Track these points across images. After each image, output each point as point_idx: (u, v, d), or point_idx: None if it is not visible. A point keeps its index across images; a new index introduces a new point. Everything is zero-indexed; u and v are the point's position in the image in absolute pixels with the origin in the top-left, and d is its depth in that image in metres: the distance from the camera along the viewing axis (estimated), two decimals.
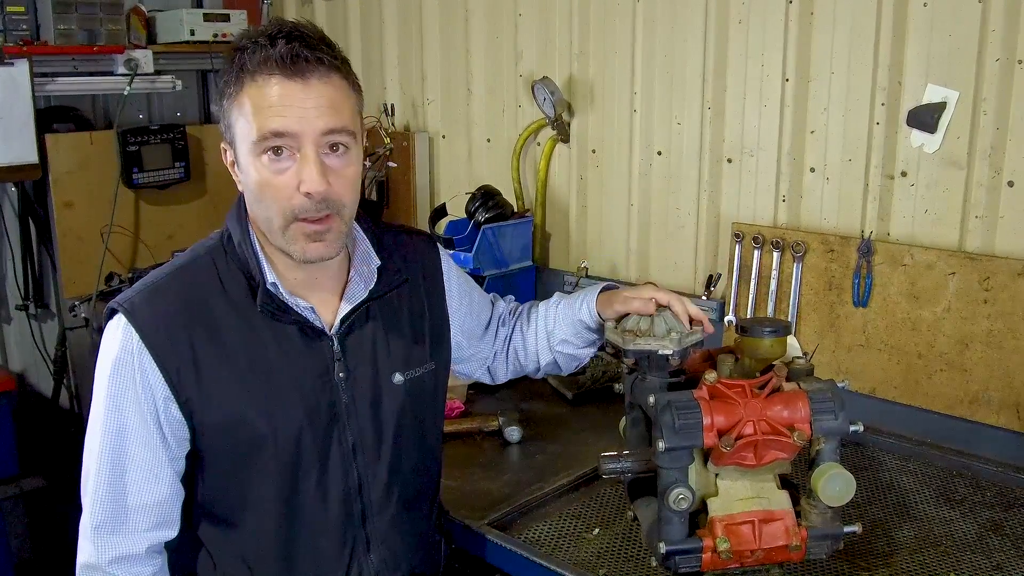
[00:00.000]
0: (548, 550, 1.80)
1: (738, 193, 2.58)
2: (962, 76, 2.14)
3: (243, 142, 1.37)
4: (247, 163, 1.37)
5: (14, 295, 3.61)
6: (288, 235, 1.38)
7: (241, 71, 1.35)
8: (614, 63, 2.81)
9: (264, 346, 1.43)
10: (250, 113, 1.34)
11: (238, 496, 1.47)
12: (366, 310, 1.52)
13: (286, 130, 1.33)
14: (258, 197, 1.38)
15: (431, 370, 1.60)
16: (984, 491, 2.03)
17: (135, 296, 1.42)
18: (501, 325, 1.81)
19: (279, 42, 1.32)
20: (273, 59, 1.32)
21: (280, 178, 1.35)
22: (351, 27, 3.66)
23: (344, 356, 1.48)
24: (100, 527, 1.42)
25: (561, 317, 1.73)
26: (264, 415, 1.43)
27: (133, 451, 1.40)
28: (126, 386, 1.39)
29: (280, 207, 1.36)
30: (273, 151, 1.34)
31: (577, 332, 1.71)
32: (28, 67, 3.11)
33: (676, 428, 1.38)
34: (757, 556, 1.43)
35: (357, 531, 1.52)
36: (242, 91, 1.35)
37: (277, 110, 1.33)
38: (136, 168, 3.44)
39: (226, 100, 1.38)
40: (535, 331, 1.76)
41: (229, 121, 1.39)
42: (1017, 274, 2.08)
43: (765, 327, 1.49)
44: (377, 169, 3.42)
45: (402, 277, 1.56)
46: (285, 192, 1.36)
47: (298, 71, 1.33)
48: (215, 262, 1.46)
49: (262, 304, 1.42)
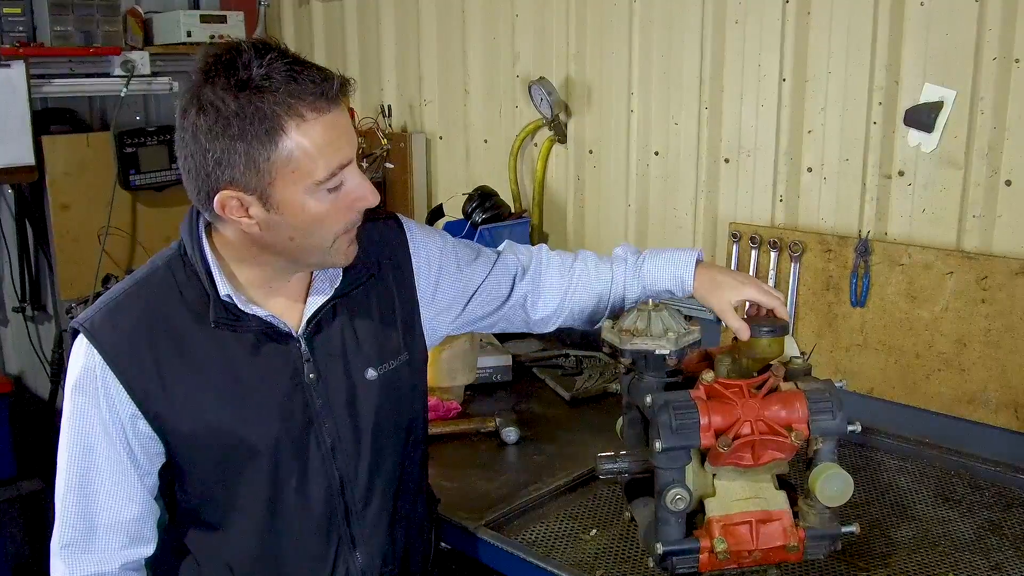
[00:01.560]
0: (545, 551, 1.80)
1: (735, 193, 2.58)
2: (959, 75, 2.14)
3: (296, 184, 1.30)
4: (301, 202, 1.32)
5: (11, 297, 3.61)
6: (333, 249, 1.39)
7: (275, 115, 1.26)
8: (611, 64, 2.81)
9: (231, 354, 1.41)
10: (312, 154, 1.29)
11: (220, 503, 1.46)
12: (333, 308, 1.49)
13: (350, 159, 1.34)
14: (310, 231, 1.35)
15: (405, 361, 1.57)
16: (982, 491, 2.03)
17: (95, 315, 1.40)
18: (518, 280, 1.71)
19: (302, 76, 1.28)
20: (314, 95, 1.28)
21: (337, 204, 1.35)
22: (348, 28, 3.65)
23: (313, 357, 1.46)
24: (70, 546, 1.41)
25: (646, 281, 1.66)
26: (237, 423, 1.41)
27: (101, 470, 1.39)
28: (90, 406, 1.38)
29: (336, 230, 1.37)
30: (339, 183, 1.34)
31: (653, 294, 1.65)
32: (24, 69, 3.11)
33: (673, 428, 1.38)
34: (755, 557, 1.43)
35: (342, 530, 1.51)
36: (285, 135, 1.27)
37: (338, 144, 1.31)
38: (133, 170, 3.44)
39: (252, 148, 1.27)
40: (608, 291, 1.69)
41: (260, 169, 1.29)
42: (1015, 273, 2.08)
43: (763, 327, 1.49)
44: (374, 170, 3.42)
45: (368, 272, 1.52)
46: (341, 214, 1.36)
47: (335, 99, 1.31)
48: (174, 273, 1.43)
49: (216, 319, 1.39)
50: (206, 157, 1.30)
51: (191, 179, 1.35)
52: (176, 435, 1.41)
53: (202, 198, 1.35)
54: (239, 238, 1.40)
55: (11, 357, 3.66)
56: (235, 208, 1.33)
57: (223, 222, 1.39)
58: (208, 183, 1.32)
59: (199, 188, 1.34)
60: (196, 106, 1.29)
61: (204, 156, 1.30)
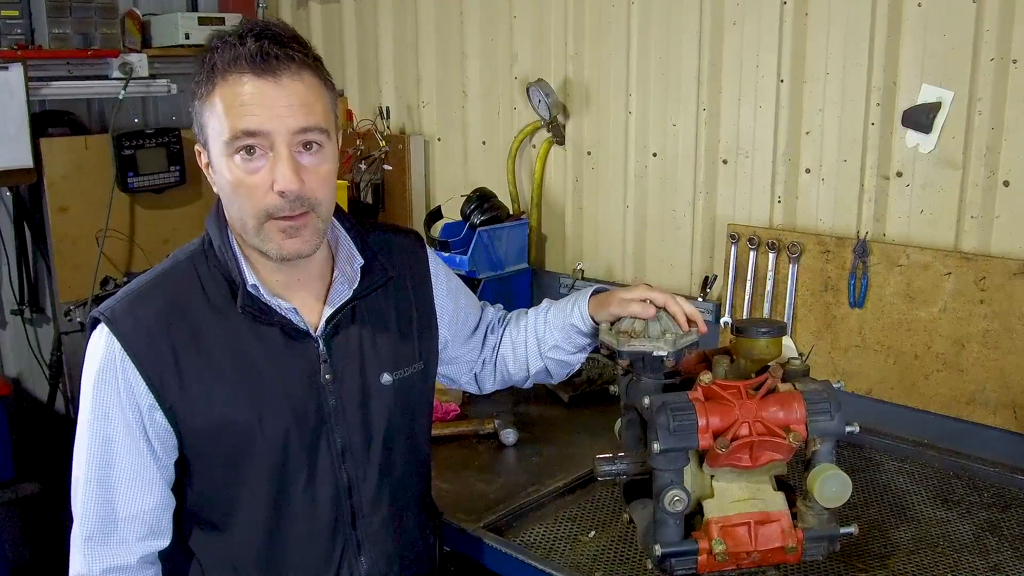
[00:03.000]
0: (544, 553, 1.80)
1: (734, 194, 2.58)
2: (957, 76, 2.14)
3: (215, 142, 1.36)
4: (220, 163, 1.36)
5: (9, 299, 3.60)
6: (263, 234, 1.37)
7: (212, 71, 1.33)
8: (609, 65, 2.81)
9: (249, 350, 1.42)
10: (222, 113, 1.33)
11: (226, 501, 1.46)
12: (351, 311, 1.50)
13: (258, 129, 1.32)
14: (232, 198, 1.37)
15: (420, 370, 1.59)
16: (981, 492, 2.03)
17: (116, 304, 1.41)
18: (490, 332, 1.78)
19: (248, 40, 1.31)
20: (243, 57, 1.31)
21: (253, 177, 1.34)
22: (346, 30, 3.66)
23: (330, 358, 1.47)
24: (90, 538, 1.41)
25: (552, 322, 1.70)
26: (250, 419, 1.42)
27: (120, 461, 1.39)
28: (110, 395, 1.38)
29: (254, 206, 1.35)
30: (246, 150, 1.33)
31: (568, 337, 1.68)
32: (23, 71, 3.11)
33: (671, 430, 1.38)
34: (753, 558, 1.43)
35: (347, 534, 1.51)
36: (213, 91, 1.33)
37: (249, 109, 1.31)
38: (131, 172, 3.43)
39: (198, 100, 1.37)
40: (525, 338, 1.73)
41: (202, 122, 1.38)
42: (1013, 274, 2.08)
43: (761, 328, 1.49)
44: (373, 172, 3.42)
45: (387, 276, 1.53)
46: (259, 191, 1.34)
47: (269, 69, 1.31)
48: (196, 267, 1.45)
49: (243, 306, 1.41)
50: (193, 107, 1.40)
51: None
52: (189, 429, 1.41)
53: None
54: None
55: (9, 359, 3.65)
56: (203, 162, 1.43)
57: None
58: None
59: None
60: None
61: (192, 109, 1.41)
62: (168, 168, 3.52)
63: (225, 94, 1.32)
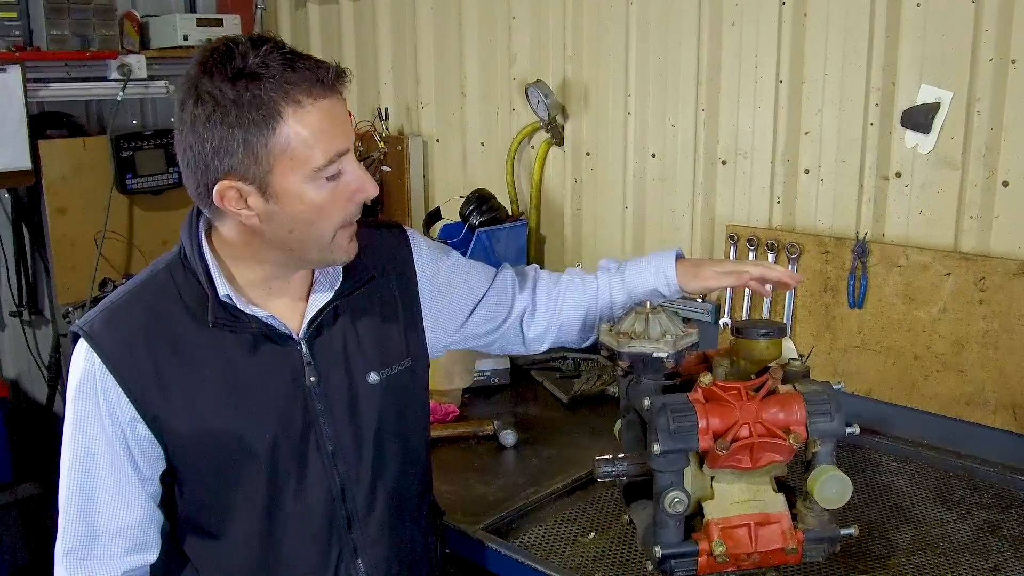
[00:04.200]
0: (543, 554, 1.80)
1: (733, 195, 2.58)
2: (956, 76, 2.14)
3: (294, 173, 1.30)
4: (299, 191, 1.32)
5: (8, 301, 3.60)
6: (333, 244, 1.38)
7: (272, 102, 1.27)
8: (608, 66, 2.81)
9: (230, 356, 1.41)
10: (310, 140, 1.29)
11: (219, 508, 1.45)
12: (334, 311, 1.48)
13: (346, 147, 1.34)
14: (312, 221, 1.35)
15: (408, 367, 1.56)
16: (981, 492, 2.03)
17: (95, 318, 1.40)
18: (518, 293, 1.71)
19: (298, 64, 1.29)
20: (310, 82, 1.28)
21: (335, 194, 1.35)
22: (345, 31, 3.65)
23: (314, 360, 1.45)
24: (72, 552, 1.40)
25: (631, 285, 1.67)
26: (236, 426, 1.41)
27: (102, 475, 1.39)
28: (91, 410, 1.37)
29: (334, 222, 1.36)
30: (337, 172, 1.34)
31: (649, 298, 1.63)
32: (21, 73, 3.10)
33: (671, 431, 1.37)
34: (753, 559, 1.43)
35: (343, 538, 1.50)
36: (282, 122, 1.27)
37: (334, 130, 1.31)
38: (130, 174, 3.43)
39: (250, 135, 1.27)
40: (598, 304, 1.70)
41: (258, 156, 1.28)
42: (1012, 274, 2.08)
43: (760, 329, 1.48)
44: (371, 173, 3.41)
45: (369, 274, 1.51)
46: (338, 205, 1.35)
47: (332, 87, 1.31)
48: (173, 276, 1.42)
49: (214, 319, 1.38)
50: (204, 147, 1.29)
51: (190, 172, 1.34)
52: (174, 438, 1.40)
53: (201, 191, 1.34)
54: (239, 234, 1.39)
55: (8, 361, 3.65)
56: (234, 199, 1.32)
57: (223, 217, 1.38)
58: (207, 175, 1.31)
59: (198, 181, 1.34)
60: (194, 97, 1.29)
61: (202, 146, 1.29)
62: (166, 169, 3.52)
63: (308, 121, 1.29)
